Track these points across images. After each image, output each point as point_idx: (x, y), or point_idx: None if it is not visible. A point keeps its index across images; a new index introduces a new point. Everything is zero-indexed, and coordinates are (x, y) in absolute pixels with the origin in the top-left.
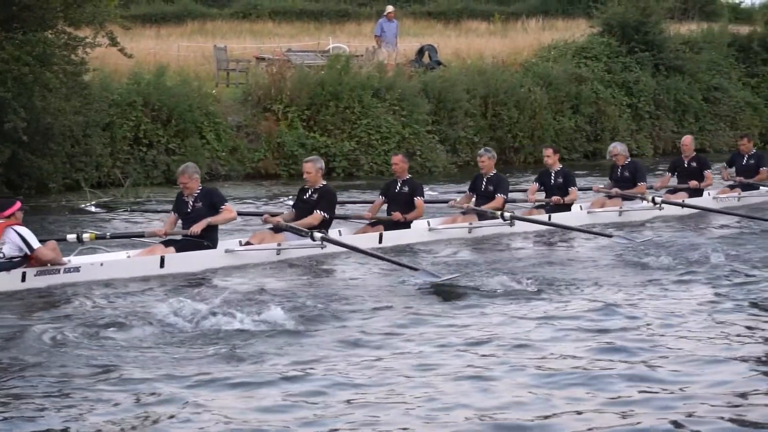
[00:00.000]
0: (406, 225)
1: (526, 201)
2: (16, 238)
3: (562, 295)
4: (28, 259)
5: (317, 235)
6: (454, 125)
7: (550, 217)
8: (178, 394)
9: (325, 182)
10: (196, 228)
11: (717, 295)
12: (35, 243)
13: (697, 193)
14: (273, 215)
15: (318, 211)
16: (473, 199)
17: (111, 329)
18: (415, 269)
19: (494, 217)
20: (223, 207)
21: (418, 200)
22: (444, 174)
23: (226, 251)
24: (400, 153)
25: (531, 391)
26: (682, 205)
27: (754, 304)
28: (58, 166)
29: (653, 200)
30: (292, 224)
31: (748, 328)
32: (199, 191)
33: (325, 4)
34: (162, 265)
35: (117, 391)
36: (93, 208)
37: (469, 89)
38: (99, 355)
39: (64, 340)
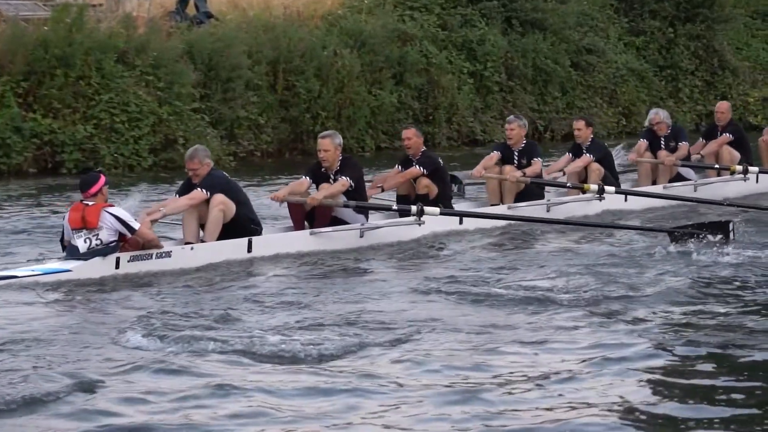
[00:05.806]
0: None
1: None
2: (113, 221)
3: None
4: (122, 240)
5: (433, 209)
6: (231, 102)
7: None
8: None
9: (341, 156)
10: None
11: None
12: (135, 223)
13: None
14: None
15: (342, 176)
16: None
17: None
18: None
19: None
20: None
21: (413, 170)
22: (220, 168)
23: (312, 233)
24: (413, 126)
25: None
26: None
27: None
28: None
29: (745, 171)
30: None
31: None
32: (206, 177)
33: None
34: (250, 249)
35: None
36: None
37: (252, 52)
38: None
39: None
